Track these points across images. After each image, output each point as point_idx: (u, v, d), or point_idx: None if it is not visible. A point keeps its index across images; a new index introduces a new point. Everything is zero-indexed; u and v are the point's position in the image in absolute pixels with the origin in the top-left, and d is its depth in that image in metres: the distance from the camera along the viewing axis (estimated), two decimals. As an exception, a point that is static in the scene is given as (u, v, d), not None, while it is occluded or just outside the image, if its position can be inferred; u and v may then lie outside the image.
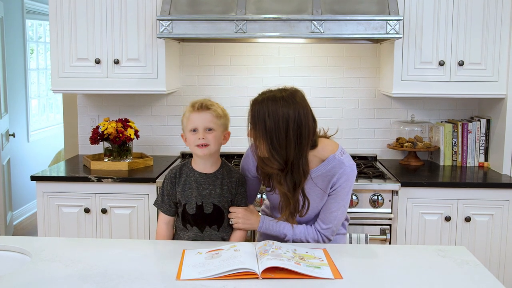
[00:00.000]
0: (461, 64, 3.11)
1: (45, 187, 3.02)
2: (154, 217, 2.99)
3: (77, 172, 3.11)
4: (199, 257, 1.79)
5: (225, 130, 2.10)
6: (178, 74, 3.57)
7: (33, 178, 3.03)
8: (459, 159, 3.37)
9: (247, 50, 3.55)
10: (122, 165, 3.16)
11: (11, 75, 5.26)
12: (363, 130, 3.58)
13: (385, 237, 2.88)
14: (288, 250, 1.80)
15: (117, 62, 3.17)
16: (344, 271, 1.70)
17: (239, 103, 3.53)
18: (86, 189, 3.00)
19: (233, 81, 3.57)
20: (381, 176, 3.03)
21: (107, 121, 3.27)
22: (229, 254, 1.77)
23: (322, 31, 2.89)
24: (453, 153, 3.38)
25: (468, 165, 3.37)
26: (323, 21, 2.88)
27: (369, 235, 2.84)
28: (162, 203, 2.14)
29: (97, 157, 3.34)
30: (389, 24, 2.88)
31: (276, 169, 1.93)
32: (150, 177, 2.98)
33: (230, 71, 3.57)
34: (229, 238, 2.12)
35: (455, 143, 3.37)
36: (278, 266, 1.65)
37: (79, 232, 3.03)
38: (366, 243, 2.77)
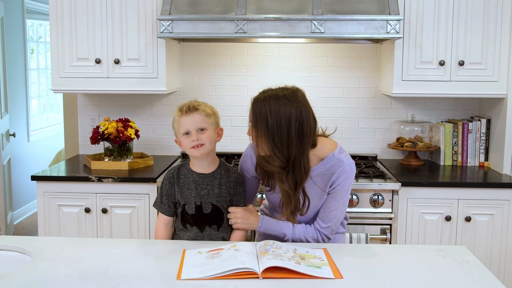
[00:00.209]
0: (461, 64, 3.11)
1: (46, 187, 3.02)
2: (154, 217, 2.99)
3: (77, 172, 3.11)
4: (199, 256, 1.79)
5: (217, 127, 2.10)
6: (179, 74, 3.57)
7: (34, 178, 3.03)
8: (460, 159, 3.37)
9: (247, 50, 3.55)
10: (123, 165, 3.16)
11: (11, 75, 5.26)
12: (363, 130, 3.58)
13: (385, 236, 2.88)
14: (288, 250, 1.80)
15: (117, 62, 3.17)
16: (345, 270, 1.70)
17: (240, 103, 3.53)
18: (87, 189, 3.00)
19: (234, 81, 3.57)
20: (381, 176, 3.03)
21: (107, 121, 3.27)
22: (230, 253, 1.77)
23: (322, 31, 2.89)
24: (454, 153, 3.38)
25: (468, 165, 3.37)
26: (323, 21, 2.88)
27: (370, 235, 2.84)
28: (161, 203, 2.14)
29: (98, 157, 3.34)
30: (389, 24, 2.88)
31: (278, 167, 1.93)
32: (150, 177, 2.98)
33: (231, 71, 3.57)
34: (229, 238, 2.13)
35: (455, 143, 3.37)
36: (279, 266, 1.65)
37: (79, 232, 3.03)
38: (367, 243, 2.77)
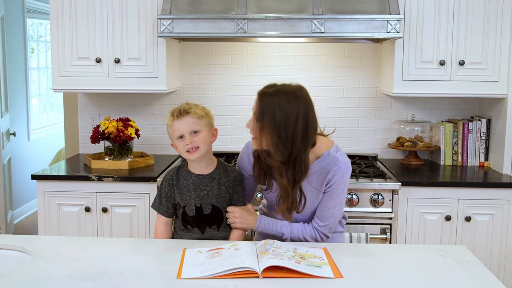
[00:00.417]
0: (461, 63, 3.11)
1: (46, 186, 3.02)
2: (155, 216, 2.98)
3: (77, 171, 3.11)
4: (199, 256, 1.79)
5: (211, 128, 2.10)
6: (179, 73, 3.57)
7: (34, 177, 3.03)
8: (460, 159, 3.37)
9: (247, 50, 3.55)
10: (123, 164, 3.16)
11: (11, 74, 5.26)
12: (363, 129, 3.58)
13: (385, 236, 2.88)
14: (288, 249, 1.80)
15: (117, 61, 3.17)
16: (345, 270, 1.70)
17: (240, 102, 3.53)
18: (87, 188, 3.00)
19: (234, 80, 3.57)
20: (381, 175, 3.03)
21: (107, 120, 3.27)
22: (230, 253, 1.77)
23: (322, 31, 2.89)
24: (454, 152, 3.38)
25: (468, 164, 3.37)
26: (324, 21, 2.88)
27: (370, 234, 2.84)
28: (160, 205, 2.15)
29: (98, 156, 3.34)
30: (389, 24, 2.88)
31: (279, 161, 1.93)
32: (150, 176, 2.98)
33: (231, 70, 3.57)
34: (228, 237, 2.13)
35: (455, 142, 3.37)
36: (279, 265, 1.65)
37: (79, 231, 3.03)
38: (367, 242, 2.77)
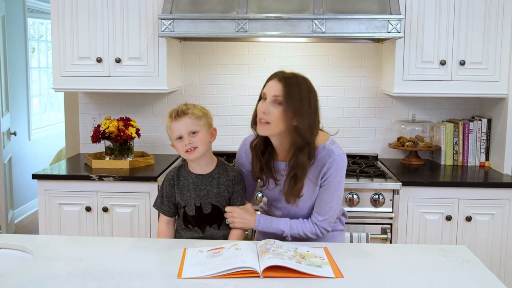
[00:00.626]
0: (462, 63, 3.11)
1: (47, 185, 3.02)
2: (155, 216, 2.99)
3: (78, 171, 3.11)
4: (200, 255, 1.79)
5: (209, 128, 2.10)
6: (180, 73, 3.57)
7: (35, 177, 3.03)
8: (460, 159, 3.37)
9: (248, 49, 3.55)
10: (123, 163, 3.16)
11: (12, 73, 5.27)
12: (364, 129, 3.58)
13: (386, 236, 2.88)
14: (289, 249, 1.80)
15: (118, 61, 3.17)
16: (345, 270, 1.70)
17: (240, 102, 3.53)
18: (88, 188, 3.00)
19: (235, 80, 3.57)
20: (382, 175, 3.03)
21: (108, 119, 3.27)
22: (230, 252, 1.77)
23: (323, 31, 2.89)
24: (454, 152, 3.37)
25: (469, 164, 3.37)
26: (324, 21, 2.88)
27: (370, 234, 2.84)
28: (162, 204, 2.15)
29: (99, 156, 3.34)
30: (390, 24, 2.88)
31: (306, 141, 1.96)
32: (151, 175, 2.98)
33: (232, 70, 3.57)
34: (227, 237, 2.13)
35: (456, 142, 3.36)
36: (279, 265, 1.65)
37: (80, 231, 3.03)
38: (367, 242, 2.77)
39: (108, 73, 3.20)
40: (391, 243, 2.90)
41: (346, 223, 2.32)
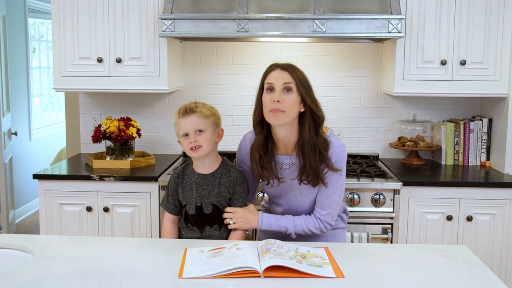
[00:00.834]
0: (463, 63, 3.11)
1: (47, 185, 3.02)
2: (156, 215, 3.00)
3: (79, 171, 3.11)
4: (201, 255, 1.79)
5: (216, 128, 2.11)
6: (180, 73, 3.57)
7: (35, 177, 3.03)
8: (461, 159, 3.37)
9: (249, 49, 3.55)
10: (124, 163, 3.16)
11: (13, 73, 5.27)
12: (365, 129, 3.58)
13: (386, 236, 2.88)
14: (290, 249, 1.80)
15: (119, 61, 3.17)
16: (346, 270, 1.70)
17: (241, 102, 3.53)
18: (88, 188, 3.00)
19: (235, 80, 3.57)
20: (382, 175, 3.03)
21: (109, 119, 3.27)
22: (231, 252, 1.77)
23: (324, 30, 2.88)
24: (455, 152, 3.37)
25: (469, 164, 3.37)
26: (325, 20, 2.88)
27: (371, 234, 2.84)
28: (167, 203, 2.16)
29: (99, 156, 3.34)
30: (391, 23, 2.88)
31: (322, 119, 2.03)
32: (152, 175, 2.98)
33: (232, 70, 3.57)
34: (227, 238, 2.13)
35: (457, 142, 3.36)
36: (280, 265, 1.65)
37: (81, 231, 3.03)
38: (368, 242, 2.77)
39: (109, 73, 3.20)
40: (391, 243, 2.89)
41: (347, 220, 2.31)
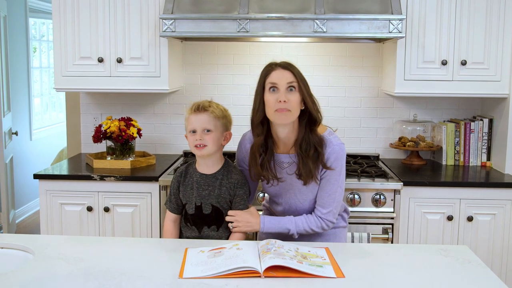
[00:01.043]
0: (463, 63, 3.10)
1: (48, 185, 3.02)
2: (157, 215, 3.00)
3: (79, 171, 3.12)
4: (201, 255, 1.79)
5: (225, 131, 2.11)
6: (181, 73, 3.57)
7: (36, 177, 3.03)
8: (462, 159, 3.37)
9: (250, 49, 3.55)
10: (125, 163, 3.16)
11: (14, 73, 5.27)
12: (365, 129, 3.58)
13: (387, 236, 2.88)
14: (290, 249, 1.80)
15: (120, 60, 3.17)
16: (346, 270, 1.70)
17: (242, 102, 3.53)
18: (89, 188, 3.00)
19: (236, 80, 3.57)
20: (383, 175, 3.03)
21: (110, 119, 3.28)
22: (232, 252, 1.77)
23: (325, 30, 2.88)
24: (456, 152, 3.37)
25: (470, 164, 3.36)
26: (326, 20, 2.88)
27: (371, 234, 2.84)
28: (170, 202, 2.17)
29: (100, 156, 3.35)
30: (391, 24, 2.88)
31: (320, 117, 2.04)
32: (152, 175, 2.98)
33: (233, 70, 3.57)
34: (227, 239, 2.13)
35: (457, 142, 3.36)
36: (281, 265, 1.65)
37: (81, 231, 3.03)
38: (368, 242, 2.77)
39: (110, 73, 3.20)
40: (392, 243, 2.89)
41: (348, 218, 2.31)
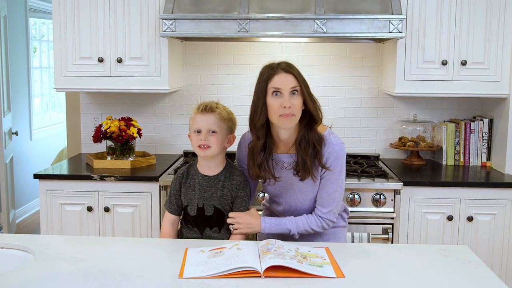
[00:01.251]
0: (463, 63, 3.10)
1: (48, 185, 3.02)
2: (157, 215, 3.00)
3: (80, 171, 3.12)
4: (201, 255, 1.79)
5: (229, 134, 2.11)
6: (181, 73, 3.58)
7: (36, 177, 3.03)
8: (462, 159, 3.37)
9: (250, 49, 3.55)
10: (125, 163, 3.16)
11: (14, 73, 5.27)
12: (365, 129, 3.58)
13: (387, 236, 2.88)
14: (290, 249, 1.80)
15: (120, 60, 3.17)
16: (347, 270, 1.70)
17: (242, 102, 3.52)
18: (89, 188, 3.00)
19: (236, 80, 3.57)
20: (383, 175, 3.03)
21: (110, 119, 3.28)
22: (232, 252, 1.77)
23: (325, 31, 2.88)
24: (456, 152, 3.37)
25: (470, 164, 3.36)
26: (326, 20, 2.88)
27: (372, 234, 2.84)
28: (170, 203, 2.16)
29: (100, 156, 3.35)
30: (392, 24, 2.88)
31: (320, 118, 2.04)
32: (152, 175, 2.98)
33: (233, 70, 3.57)
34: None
35: (457, 142, 3.36)
36: (281, 265, 1.65)
37: (81, 231, 3.03)
38: (369, 242, 2.77)
39: (110, 73, 3.20)
40: (392, 243, 2.89)
41: (347, 218, 2.31)
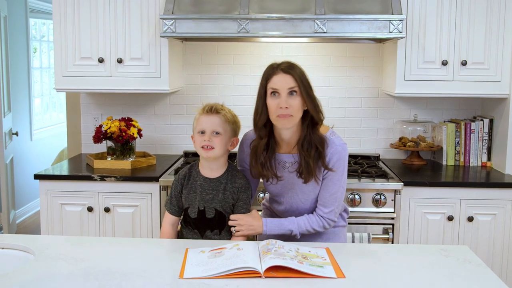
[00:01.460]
0: (464, 63, 3.10)
1: (48, 185, 3.02)
2: (157, 216, 3.00)
3: (80, 171, 3.12)
4: (202, 255, 1.79)
5: (233, 136, 2.10)
6: (181, 73, 3.58)
7: (37, 177, 3.03)
8: (462, 159, 3.37)
9: (250, 50, 3.55)
10: (125, 164, 3.16)
11: (14, 73, 5.27)
12: (366, 129, 3.58)
13: (387, 236, 2.88)
14: (291, 249, 1.80)
15: (120, 61, 3.17)
16: (347, 270, 1.70)
17: (242, 102, 3.52)
18: (89, 188, 3.00)
19: (236, 80, 3.58)
20: (383, 175, 3.03)
21: (110, 120, 3.28)
22: (232, 253, 1.77)
23: (325, 31, 2.89)
24: (456, 152, 3.37)
25: (471, 164, 3.36)
26: (326, 21, 2.88)
27: (372, 234, 2.84)
28: (170, 204, 2.16)
29: (100, 156, 3.35)
30: (392, 24, 2.88)
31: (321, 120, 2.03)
32: (153, 176, 2.98)
33: (233, 70, 3.57)
34: None
35: (458, 142, 3.36)
36: (281, 265, 1.65)
37: (82, 231, 3.03)
38: (369, 242, 2.77)
39: (110, 73, 3.20)
40: (392, 243, 2.89)
41: (348, 223, 2.31)
